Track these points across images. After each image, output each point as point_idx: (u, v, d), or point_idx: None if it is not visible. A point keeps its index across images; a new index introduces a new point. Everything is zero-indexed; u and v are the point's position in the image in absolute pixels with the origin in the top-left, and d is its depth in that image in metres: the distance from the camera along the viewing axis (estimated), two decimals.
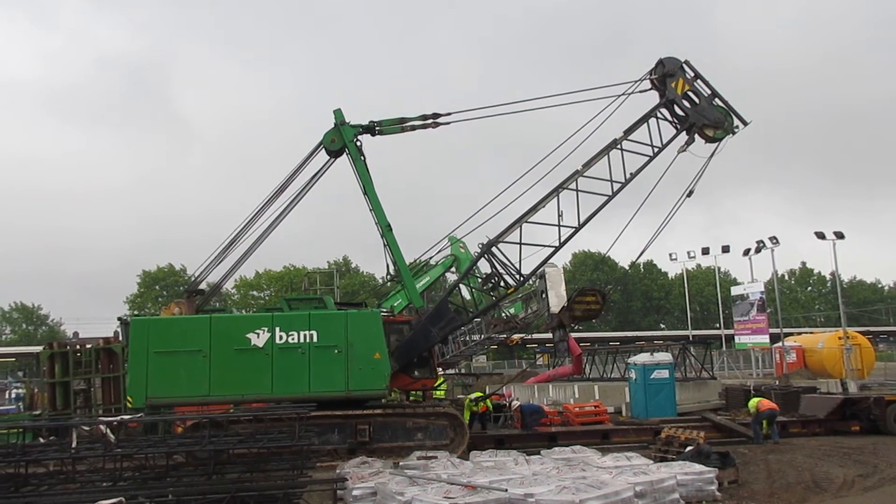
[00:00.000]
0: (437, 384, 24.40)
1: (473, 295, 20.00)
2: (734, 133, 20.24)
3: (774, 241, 47.26)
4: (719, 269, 67.86)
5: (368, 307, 20.84)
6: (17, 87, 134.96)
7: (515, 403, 22.53)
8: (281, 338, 17.01)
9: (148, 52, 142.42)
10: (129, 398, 16.90)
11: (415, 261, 23.11)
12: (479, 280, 20.04)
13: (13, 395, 36.16)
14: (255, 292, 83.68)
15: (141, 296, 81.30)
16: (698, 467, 12.63)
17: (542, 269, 20.17)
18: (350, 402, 17.26)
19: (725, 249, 55.09)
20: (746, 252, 50.31)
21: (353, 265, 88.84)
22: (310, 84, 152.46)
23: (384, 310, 20.41)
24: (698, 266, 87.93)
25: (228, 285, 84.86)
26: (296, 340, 17.02)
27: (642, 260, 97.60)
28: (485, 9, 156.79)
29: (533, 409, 21.45)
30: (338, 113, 19.59)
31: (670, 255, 60.74)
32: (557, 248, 18.89)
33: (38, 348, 22.71)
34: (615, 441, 18.69)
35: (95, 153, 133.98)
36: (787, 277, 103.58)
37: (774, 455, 16.35)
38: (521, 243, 18.71)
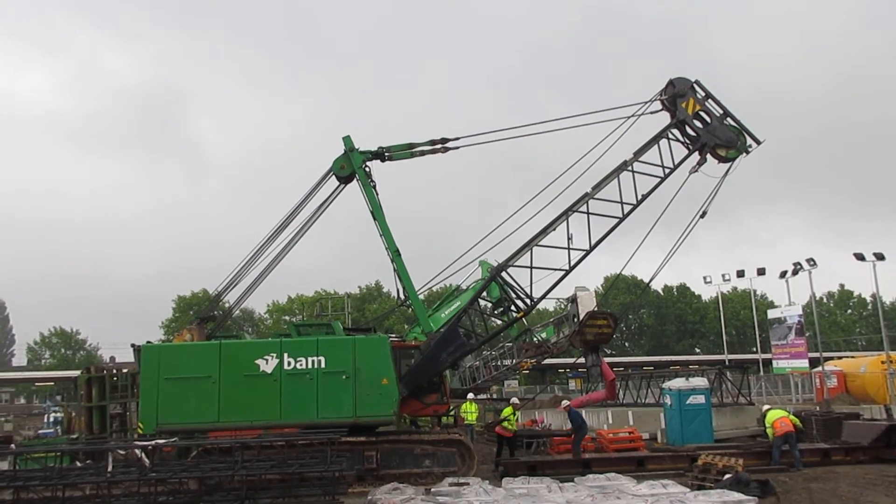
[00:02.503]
0: (471, 409, 24.29)
1: (485, 321, 19.85)
2: (748, 152, 20.08)
3: (812, 262, 46.28)
4: (755, 291, 66.58)
5: (377, 332, 20.82)
6: (42, 119, 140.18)
7: (565, 403, 22.08)
8: (289, 364, 17.05)
9: (162, 84, 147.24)
10: (139, 424, 17.02)
11: (446, 286, 23.14)
12: (490, 305, 19.96)
13: (51, 419, 36.76)
14: (287, 317, 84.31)
15: (176, 320, 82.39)
16: (737, 496, 12.29)
17: (573, 292, 20.04)
18: (358, 428, 17.11)
19: (761, 272, 54.11)
20: (783, 274, 49.33)
21: (384, 289, 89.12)
22: (324, 112, 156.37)
23: (393, 335, 20.39)
24: (734, 289, 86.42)
25: (260, 310, 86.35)
26: (304, 366, 17.06)
27: (675, 283, 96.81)
28: (487, 41, 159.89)
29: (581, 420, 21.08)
30: (347, 139, 19.79)
31: (704, 278, 59.93)
32: (568, 272, 18.83)
33: (76, 373, 23.08)
34: (650, 468, 18.30)
35: (119, 182, 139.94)
36: (825, 300, 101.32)
37: (817, 483, 15.85)
38: (531, 267, 18.67)
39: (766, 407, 19.48)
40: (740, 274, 55.77)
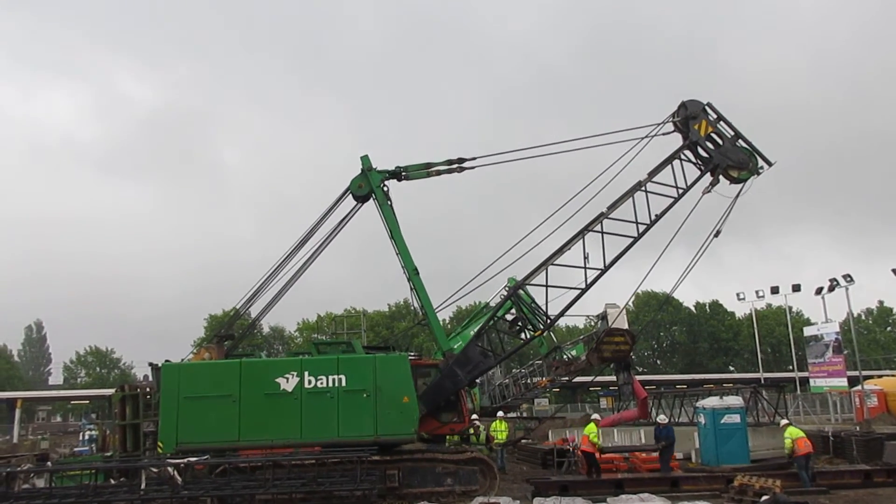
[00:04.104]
0: (501, 427, 24.09)
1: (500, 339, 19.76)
2: (759, 174, 20.30)
3: (848, 279, 45.34)
4: (790, 308, 65.37)
5: (396, 351, 20.82)
6: (64, 147, 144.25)
7: (663, 418, 21.82)
8: (310, 382, 17.08)
9: (181, 109, 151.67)
10: (160, 443, 16.98)
11: (474, 303, 23.12)
12: (507, 324, 19.91)
13: (86, 437, 37.22)
14: (316, 335, 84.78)
15: (208, 339, 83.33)
16: None
17: (604, 309, 19.92)
18: (379, 447, 16.96)
19: (796, 288, 53.22)
20: (819, 291, 48.38)
21: (412, 307, 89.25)
22: (338, 132, 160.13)
23: (412, 353, 20.39)
24: (768, 305, 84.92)
25: (290, 328, 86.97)
26: (325, 385, 17.09)
27: (708, 300, 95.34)
28: (497, 62, 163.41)
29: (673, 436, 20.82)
30: (365, 159, 19.94)
31: (737, 294, 59.04)
32: (584, 291, 18.95)
33: (111, 391, 23.40)
34: (685, 489, 17.93)
35: (143, 206, 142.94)
36: (863, 317, 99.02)
37: None
38: (546, 285, 18.86)
39: (784, 422, 19.08)
40: (774, 290, 54.89)
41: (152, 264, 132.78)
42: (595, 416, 22.77)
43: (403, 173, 20.09)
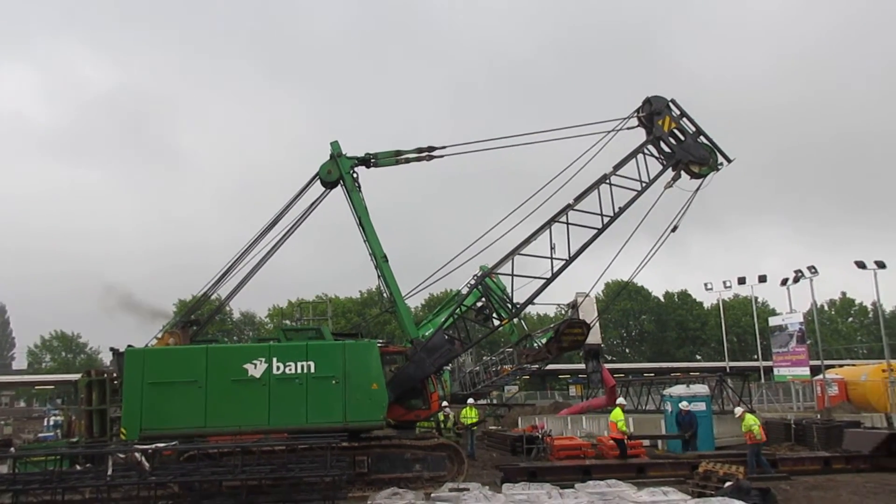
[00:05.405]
0: (471, 414, 24.24)
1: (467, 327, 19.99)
2: (718, 170, 20.86)
3: (813, 270, 46.26)
4: (756, 299, 66.43)
5: (365, 337, 20.84)
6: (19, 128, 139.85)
7: (685, 405, 22.20)
8: (278, 368, 16.92)
9: (141, 92, 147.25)
10: (122, 430, 16.70)
11: (446, 291, 23.18)
12: (474, 312, 20.05)
13: (51, 423, 36.64)
14: (288, 321, 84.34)
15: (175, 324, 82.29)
16: None
17: (574, 298, 20.16)
18: (348, 433, 17.02)
19: (762, 279, 54.01)
20: (784, 282, 49.28)
21: (386, 295, 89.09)
22: (306, 119, 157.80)
23: (380, 340, 20.45)
24: (735, 296, 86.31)
25: (262, 314, 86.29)
26: (293, 371, 16.94)
27: (677, 290, 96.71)
28: (461, 54, 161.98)
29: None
30: (335, 145, 19.87)
31: (705, 284, 59.73)
32: (550, 280, 19.24)
33: (77, 376, 23.02)
34: (651, 475, 18.27)
35: (103, 187, 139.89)
36: (826, 308, 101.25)
37: (818, 492, 15.84)
38: (513, 275, 19.12)
39: (740, 409, 19.48)
40: (741, 281, 55.68)
41: (116, 245, 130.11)
42: (621, 400, 23.00)
43: (373, 160, 20.06)
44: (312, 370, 16.98)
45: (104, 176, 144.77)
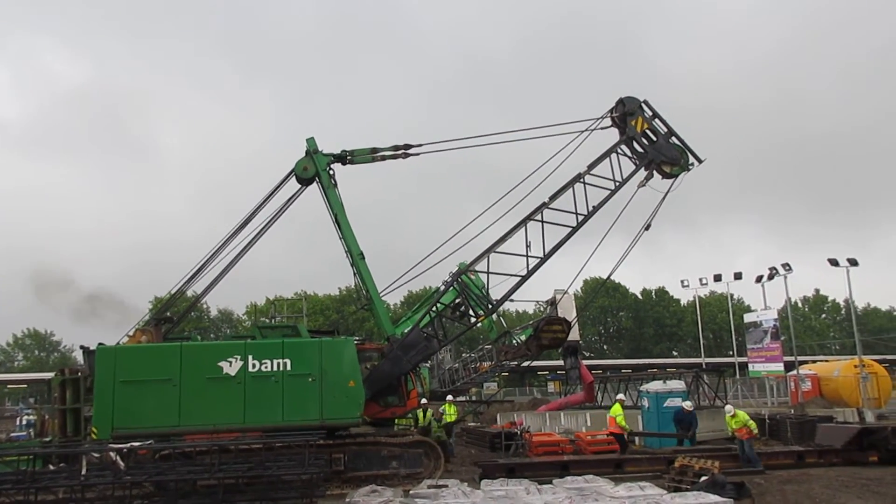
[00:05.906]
0: (451, 411, 24.25)
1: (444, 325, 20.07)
2: (689, 170, 21.20)
3: (787, 267, 46.88)
4: (731, 296, 67.20)
5: (342, 335, 20.81)
6: None
7: (689, 404, 22.28)
8: (254, 366, 16.81)
9: (112, 87, 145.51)
10: (93, 429, 16.46)
11: (425, 288, 23.17)
12: (450, 309, 20.09)
13: (24, 422, 36.10)
14: (264, 318, 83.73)
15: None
16: (713, 498, 12.44)
17: (552, 295, 20.27)
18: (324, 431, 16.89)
19: (738, 276, 54.63)
20: (759, 279, 49.90)
21: (363, 292, 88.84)
22: (279, 116, 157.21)
23: (357, 337, 20.40)
24: (711, 293, 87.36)
25: (239, 311, 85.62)
26: (269, 369, 16.83)
27: (654, 287, 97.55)
28: (434, 52, 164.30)
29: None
30: (311, 141, 19.81)
31: (682, 281, 60.24)
32: (525, 278, 19.45)
33: (50, 375, 22.69)
34: (628, 470, 18.41)
35: (73, 184, 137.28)
36: (800, 305, 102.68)
37: (791, 485, 16.04)
38: (488, 272, 19.31)
39: (730, 407, 19.86)
40: (717, 278, 56.25)
41: (89, 241, 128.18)
42: (620, 396, 23.14)
43: (349, 157, 20.05)
44: (288, 368, 16.89)
45: (74, 172, 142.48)
